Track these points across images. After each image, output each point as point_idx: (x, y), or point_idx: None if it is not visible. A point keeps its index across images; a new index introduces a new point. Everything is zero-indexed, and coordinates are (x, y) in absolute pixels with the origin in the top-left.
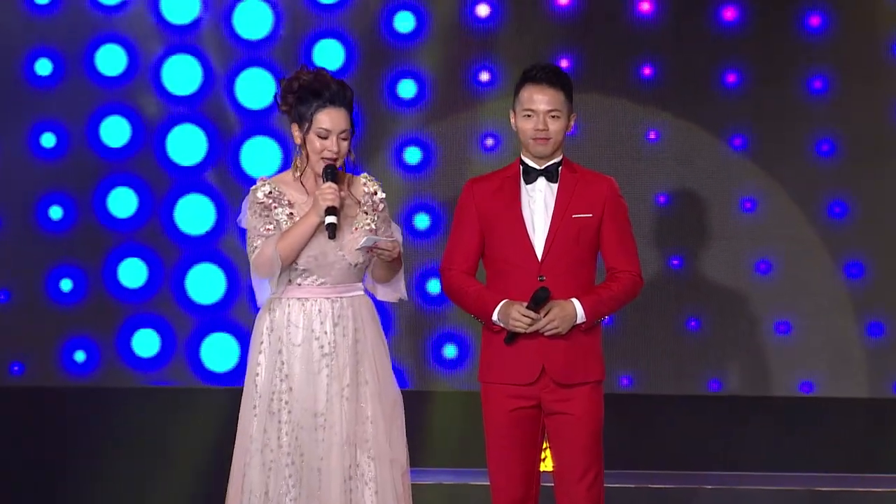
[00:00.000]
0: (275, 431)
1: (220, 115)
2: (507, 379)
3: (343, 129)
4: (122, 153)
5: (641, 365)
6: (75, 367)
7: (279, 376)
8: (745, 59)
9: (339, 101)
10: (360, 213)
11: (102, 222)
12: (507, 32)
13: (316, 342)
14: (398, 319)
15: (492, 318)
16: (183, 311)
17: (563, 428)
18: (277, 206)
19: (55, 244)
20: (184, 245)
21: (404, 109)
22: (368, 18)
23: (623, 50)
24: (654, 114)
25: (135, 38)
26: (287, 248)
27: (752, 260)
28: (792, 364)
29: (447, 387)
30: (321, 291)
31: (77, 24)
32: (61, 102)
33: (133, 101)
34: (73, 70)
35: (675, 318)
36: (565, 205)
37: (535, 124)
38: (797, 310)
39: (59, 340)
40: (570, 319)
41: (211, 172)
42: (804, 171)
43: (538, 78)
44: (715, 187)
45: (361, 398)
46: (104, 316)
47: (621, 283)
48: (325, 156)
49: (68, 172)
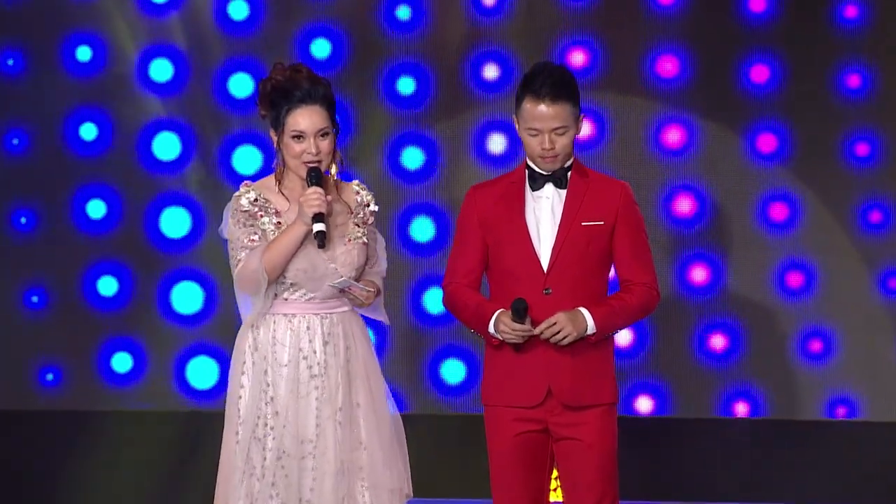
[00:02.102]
0: (259, 460)
1: (204, 113)
2: (510, 401)
3: (319, 127)
4: (95, 154)
5: (659, 386)
6: (45, 388)
7: (264, 399)
8: (774, 52)
9: (311, 99)
10: (351, 224)
11: (75, 229)
12: (516, 23)
13: (304, 362)
14: (394, 337)
15: (489, 330)
16: (160, 327)
17: (572, 455)
18: (264, 215)
19: (24, 253)
20: (162, 254)
21: (402, 107)
22: (362, 7)
23: (641, 43)
24: (674, 113)
25: (110, 31)
26: (273, 260)
27: (781, 272)
28: (825, 385)
29: (447, 410)
30: (310, 307)
31: (45, 15)
32: (30, 100)
33: (108, 98)
34: (42, 65)
35: (697, 335)
36: (574, 212)
37: (540, 143)
38: (831, 326)
39: (28, 360)
40: (579, 327)
41: (192, 175)
42: (838, 175)
43: (541, 94)
44: (740, 192)
45: (355, 421)
46: (76, 332)
47: (636, 295)
48: (304, 159)
49: (35, 175)
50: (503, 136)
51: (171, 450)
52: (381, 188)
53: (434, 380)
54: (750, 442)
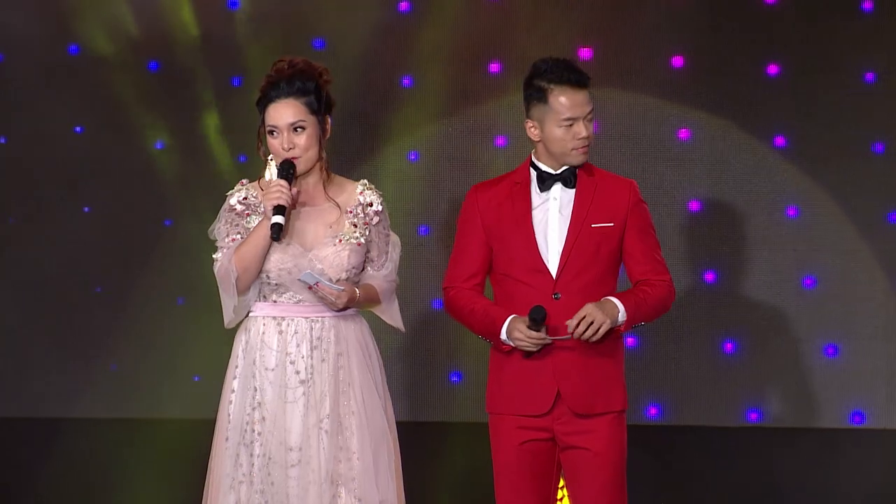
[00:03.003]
0: (248, 466)
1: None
2: (517, 409)
3: (292, 121)
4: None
5: (670, 392)
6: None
7: (252, 404)
8: (788, 47)
9: (285, 93)
10: (347, 224)
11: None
12: (520, 18)
13: (291, 366)
14: (392, 341)
15: (500, 337)
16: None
17: (580, 465)
18: (252, 214)
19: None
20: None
21: (401, 104)
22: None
23: (651, 38)
24: (685, 110)
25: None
26: (243, 257)
27: (796, 275)
28: (841, 392)
29: (450, 418)
30: (298, 310)
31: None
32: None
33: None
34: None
35: (709, 340)
36: (583, 213)
37: (575, 133)
38: (847, 330)
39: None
40: (611, 315)
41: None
42: (856, 175)
43: (573, 80)
44: (754, 193)
45: (346, 430)
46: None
47: (658, 289)
48: (280, 155)
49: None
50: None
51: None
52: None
53: (435, 385)
54: (764, 451)
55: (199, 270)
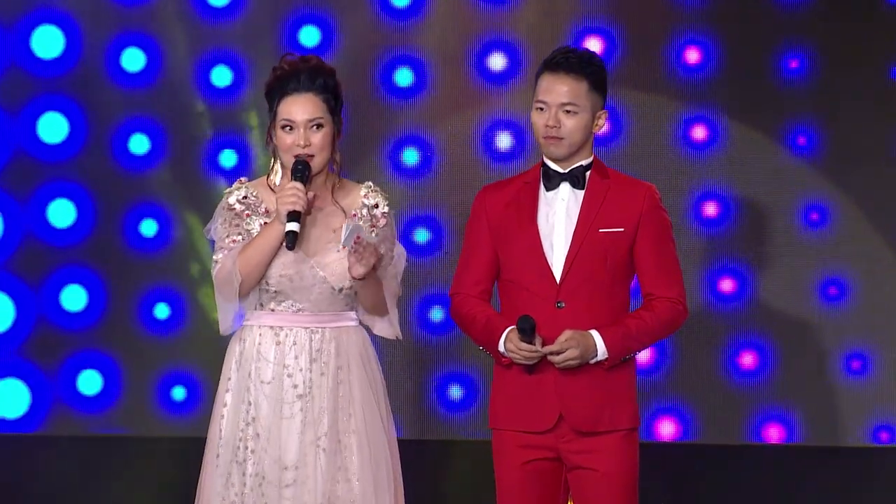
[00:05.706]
0: (240, 486)
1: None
2: (518, 425)
3: (311, 117)
4: (62, 153)
5: (685, 409)
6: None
7: (245, 419)
8: (810, 41)
9: (305, 87)
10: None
11: (40, 236)
12: (527, 10)
13: (288, 380)
14: (393, 353)
15: (498, 349)
16: (132, 342)
17: (587, 485)
18: (251, 214)
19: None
20: (135, 262)
21: (400, 101)
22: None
23: (665, 32)
24: (701, 108)
25: (79, 18)
26: (248, 261)
27: (819, 282)
28: (868, 407)
29: (452, 434)
30: (298, 319)
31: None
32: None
33: (77, 92)
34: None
35: (726, 353)
36: (591, 217)
37: (545, 120)
38: (874, 342)
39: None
40: (586, 353)
41: (167, 174)
42: (881, 177)
43: (556, 64)
44: (774, 196)
45: (345, 450)
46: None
47: (656, 312)
48: (294, 152)
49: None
50: (509, 134)
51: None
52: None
53: (436, 400)
54: (783, 471)
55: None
